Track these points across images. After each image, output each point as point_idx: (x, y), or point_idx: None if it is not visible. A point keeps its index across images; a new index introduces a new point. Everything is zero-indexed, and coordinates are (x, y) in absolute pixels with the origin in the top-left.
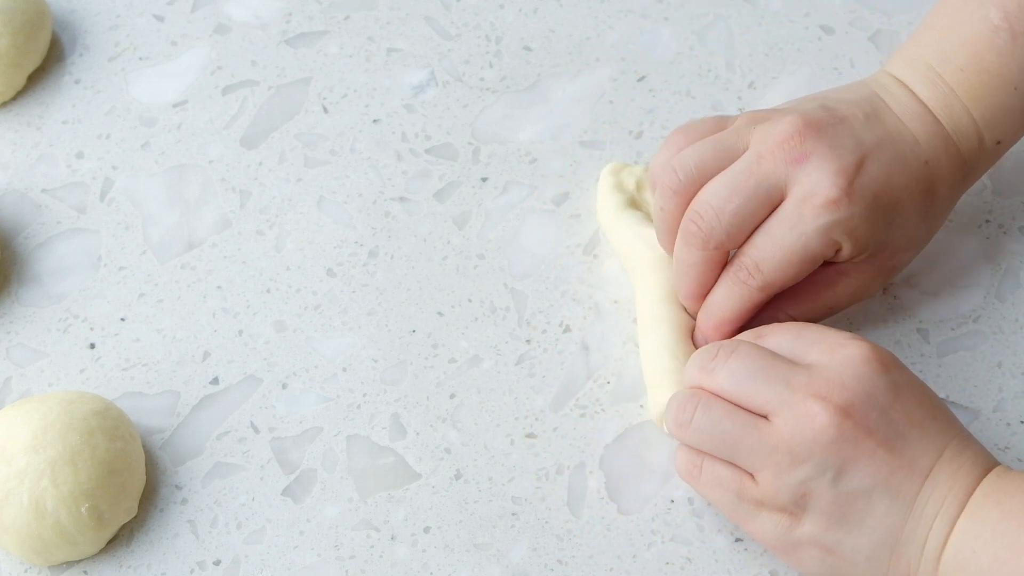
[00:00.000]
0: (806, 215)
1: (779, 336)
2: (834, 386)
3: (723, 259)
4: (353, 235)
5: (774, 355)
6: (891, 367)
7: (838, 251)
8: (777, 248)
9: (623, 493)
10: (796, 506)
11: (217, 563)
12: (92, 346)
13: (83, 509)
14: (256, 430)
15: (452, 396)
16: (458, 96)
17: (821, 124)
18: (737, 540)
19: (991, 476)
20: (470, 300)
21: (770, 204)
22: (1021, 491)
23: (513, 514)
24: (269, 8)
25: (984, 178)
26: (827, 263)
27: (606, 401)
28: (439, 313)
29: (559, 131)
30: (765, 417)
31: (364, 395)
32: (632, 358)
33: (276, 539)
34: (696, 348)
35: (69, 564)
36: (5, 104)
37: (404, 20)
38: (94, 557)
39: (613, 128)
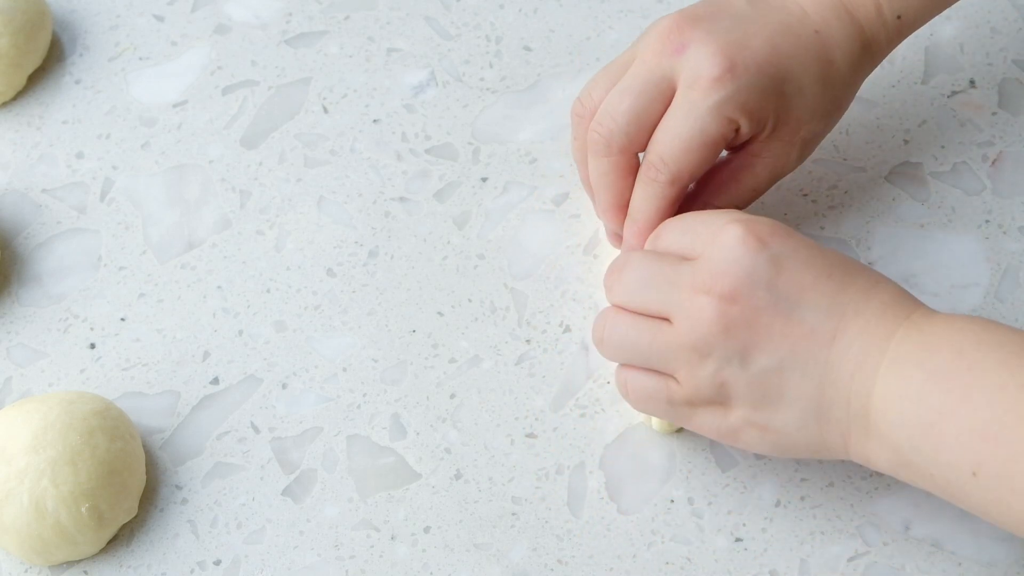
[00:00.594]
0: (695, 99)
1: (670, 234)
2: (716, 276)
3: (632, 165)
4: (353, 235)
5: (662, 259)
6: (768, 240)
7: (737, 131)
8: (676, 138)
9: (623, 493)
10: (720, 396)
11: (217, 563)
12: (92, 346)
13: (83, 509)
14: (256, 430)
15: (452, 396)
16: (458, 96)
17: (698, 14)
18: (737, 540)
19: (905, 327)
20: (470, 300)
21: (662, 99)
22: (943, 346)
23: (513, 514)
24: (269, 8)
25: (984, 178)
26: (738, 148)
27: (606, 401)
28: (439, 313)
29: (559, 131)
30: (667, 320)
31: (364, 395)
32: None
33: (276, 539)
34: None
35: (69, 564)
36: (5, 104)
37: (404, 20)
38: (94, 557)
39: None
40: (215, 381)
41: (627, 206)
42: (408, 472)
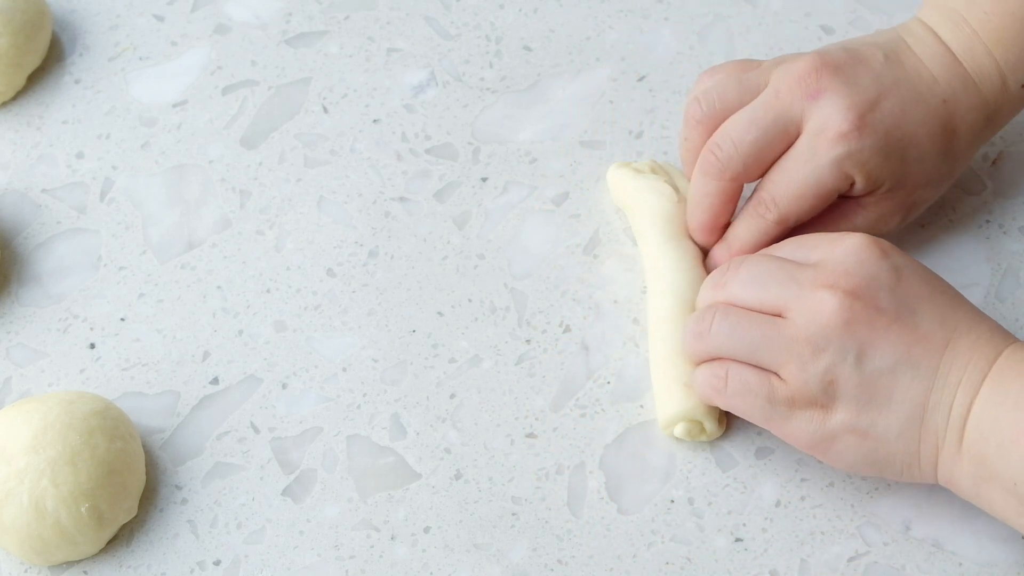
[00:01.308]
0: (819, 148)
1: (784, 248)
2: (839, 274)
3: (737, 193)
4: (353, 235)
5: (781, 259)
6: (890, 252)
7: (852, 185)
8: (792, 182)
9: (623, 493)
10: (826, 396)
11: (217, 563)
12: (92, 346)
13: (83, 509)
14: (256, 430)
15: (452, 396)
16: (458, 96)
17: (839, 63)
18: (737, 540)
19: (1013, 347)
20: (470, 300)
21: (786, 138)
22: None
23: (513, 514)
24: (269, 8)
25: (984, 178)
26: (846, 197)
27: (606, 401)
28: (439, 313)
29: (559, 131)
30: (780, 316)
31: (364, 395)
32: (632, 358)
33: (276, 539)
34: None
35: (69, 564)
36: (5, 104)
37: (404, 20)
38: (94, 557)
39: (613, 128)
40: (215, 381)
41: (720, 229)
42: (408, 472)
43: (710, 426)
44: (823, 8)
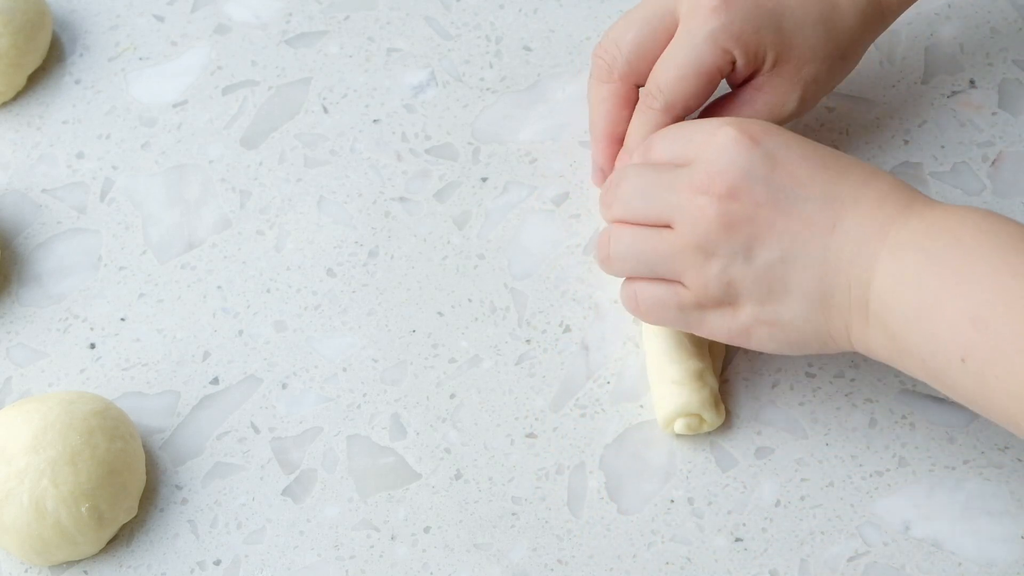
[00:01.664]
0: (692, 28)
1: (662, 143)
2: (713, 176)
3: (631, 96)
4: (353, 235)
5: (657, 168)
6: (762, 138)
7: (734, 64)
8: (673, 66)
9: (623, 493)
10: (728, 295)
11: (217, 563)
12: (92, 346)
13: (83, 509)
14: (256, 430)
15: (452, 396)
16: (458, 96)
17: None
18: (737, 540)
19: (907, 216)
20: (470, 300)
21: (665, 31)
22: (942, 233)
23: (513, 514)
24: (269, 8)
25: (984, 178)
26: (742, 85)
27: (606, 401)
28: (439, 313)
29: (559, 131)
30: (668, 226)
31: (364, 395)
32: (632, 358)
33: (276, 539)
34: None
35: (69, 564)
36: (5, 104)
37: (404, 20)
38: (94, 557)
39: None
40: (215, 381)
41: (620, 138)
42: (408, 472)
43: (709, 416)
44: None
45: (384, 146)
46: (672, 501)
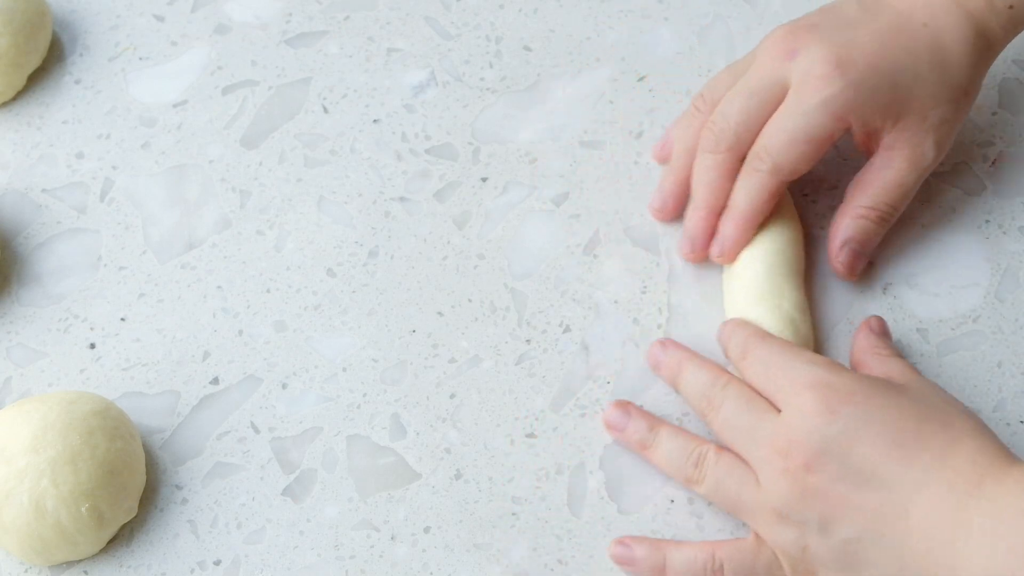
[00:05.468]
0: (804, 97)
1: (754, 365)
2: (792, 444)
3: (736, 168)
4: (353, 235)
5: (752, 401)
6: (840, 409)
7: (849, 128)
8: (782, 131)
9: (623, 493)
10: (803, 559)
11: (217, 563)
12: (92, 346)
13: (83, 509)
14: (256, 430)
15: (452, 396)
16: (458, 96)
17: (811, 22)
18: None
19: (977, 500)
20: (470, 300)
21: (773, 101)
22: (1016, 518)
23: (513, 514)
24: (269, 8)
25: (984, 178)
26: (874, 149)
27: (606, 401)
28: (439, 313)
29: (559, 131)
30: (751, 468)
31: (364, 395)
32: (632, 358)
33: (276, 539)
34: (714, 252)
35: (69, 564)
36: (5, 104)
37: (404, 20)
38: (94, 557)
39: (613, 128)
40: (215, 381)
41: (719, 211)
42: (408, 472)
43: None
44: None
45: (384, 146)
46: (672, 501)
